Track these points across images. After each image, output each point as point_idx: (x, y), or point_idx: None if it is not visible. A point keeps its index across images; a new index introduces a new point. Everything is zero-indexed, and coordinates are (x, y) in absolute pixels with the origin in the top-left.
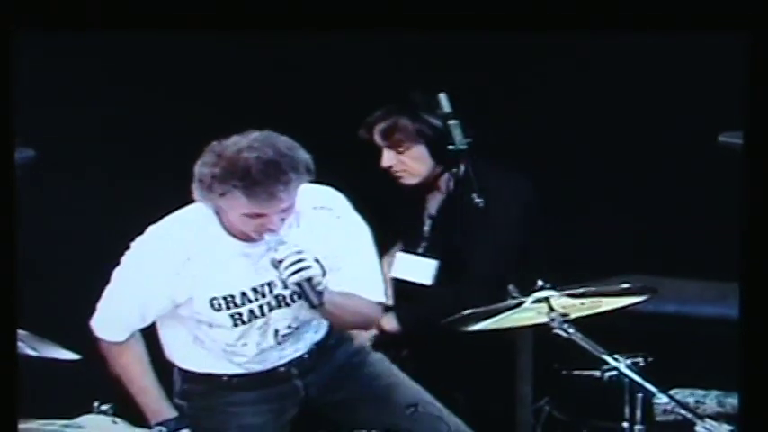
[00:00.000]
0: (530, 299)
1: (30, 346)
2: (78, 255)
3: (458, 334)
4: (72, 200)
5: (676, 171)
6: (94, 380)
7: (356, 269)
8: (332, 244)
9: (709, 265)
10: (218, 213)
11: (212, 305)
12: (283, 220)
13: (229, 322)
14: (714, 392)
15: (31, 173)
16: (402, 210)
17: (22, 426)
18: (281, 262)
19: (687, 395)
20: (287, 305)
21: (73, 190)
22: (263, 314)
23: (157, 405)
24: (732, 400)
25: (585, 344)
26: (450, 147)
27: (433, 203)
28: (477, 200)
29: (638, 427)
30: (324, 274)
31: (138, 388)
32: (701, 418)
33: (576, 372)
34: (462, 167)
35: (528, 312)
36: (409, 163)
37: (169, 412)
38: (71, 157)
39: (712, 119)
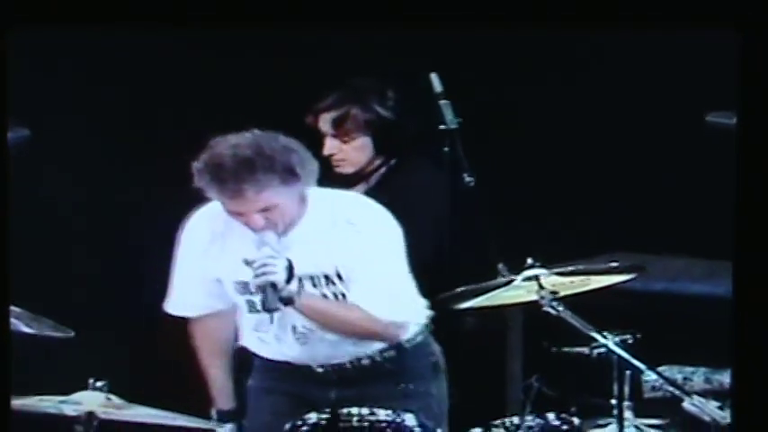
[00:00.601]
0: (520, 277)
1: (25, 324)
2: (72, 233)
3: (449, 311)
4: (66, 183)
5: (664, 150)
6: (89, 357)
7: (369, 285)
8: (351, 258)
9: (697, 242)
10: None
11: (235, 288)
12: (269, 219)
13: (245, 307)
14: (702, 369)
15: (25, 152)
16: None
17: (18, 402)
18: (251, 264)
19: (675, 372)
20: None
21: (68, 175)
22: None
23: (216, 391)
24: (719, 377)
25: (575, 321)
26: (442, 126)
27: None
28: (468, 179)
29: (626, 403)
30: (289, 280)
31: (204, 367)
32: (689, 394)
33: (566, 349)
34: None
35: (518, 290)
36: (351, 153)
37: (224, 402)
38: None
39: (699, 99)
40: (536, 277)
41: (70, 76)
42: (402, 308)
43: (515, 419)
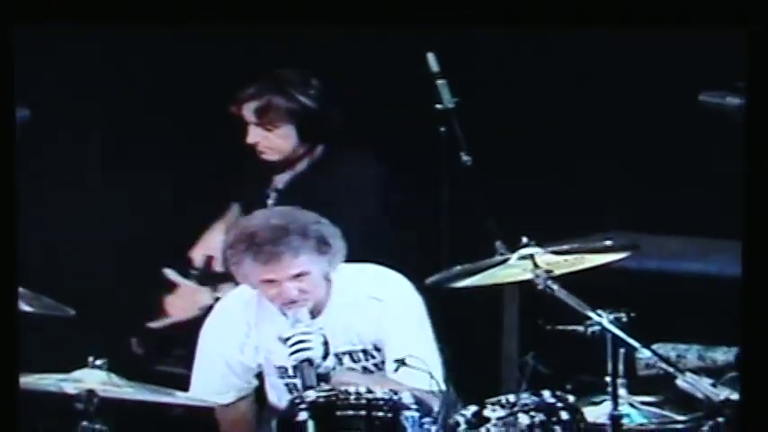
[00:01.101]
0: (515, 256)
1: (26, 303)
2: (73, 213)
3: (445, 291)
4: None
5: (658, 129)
6: (89, 336)
7: (405, 346)
8: (380, 332)
9: (692, 222)
10: None
11: (278, 373)
12: (302, 291)
13: (285, 391)
14: (695, 347)
15: (26, 131)
16: (250, 180)
17: (20, 380)
18: (286, 340)
19: (669, 350)
20: None
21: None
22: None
23: None
24: (712, 355)
25: (569, 300)
26: (439, 106)
27: (282, 178)
28: (465, 158)
29: (620, 380)
30: (326, 356)
31: None
32: (683, 371)
33: (561, 327)
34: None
35: (513, 269)
36: (275, 140)
37: None
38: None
39: (693, 79)
40: (531, 256)
41: (75, 74)
42: (429, 375)
43: (511, 397)
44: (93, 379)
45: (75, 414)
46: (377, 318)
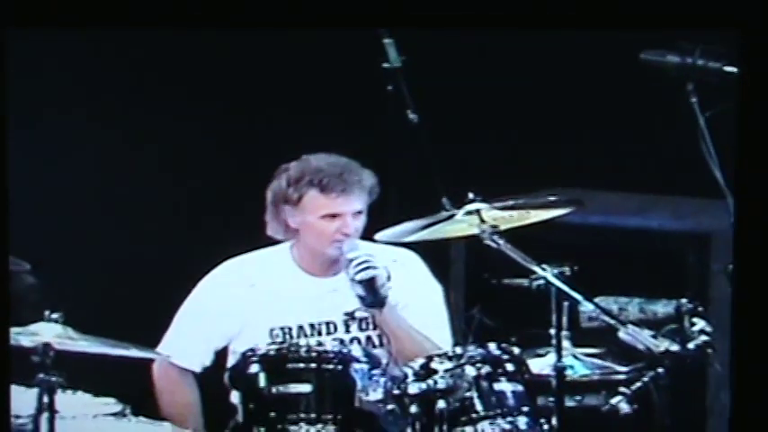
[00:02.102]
0: (461, 211)
1: None
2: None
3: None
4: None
5: (601, 89)
6: (44, 289)
7: (423, 313)
8: (403, 292)
9: (632, 178)
10: (292, 248)
11: (270, 335)
12: (357, 230)
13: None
14: (636, 300)
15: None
16: None
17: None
18: (351, 261)
19: (611, 303)
20: None
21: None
22: (318, 343)
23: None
24: (653, 307)
25: (515, 254)
26: (386, 65)
27: None
28: (412, 116)
29: (564, 333)
30: (389, 278)
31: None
32: (624, 324)
33: (506, 281)
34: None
35: (460, 224)
36: None
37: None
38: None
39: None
40: (477, 211)
41: (70, 76)
42: (445, 334)
43: (458, 349)
44: (49, 332)
45: (31, 366)
46: (397, 278)
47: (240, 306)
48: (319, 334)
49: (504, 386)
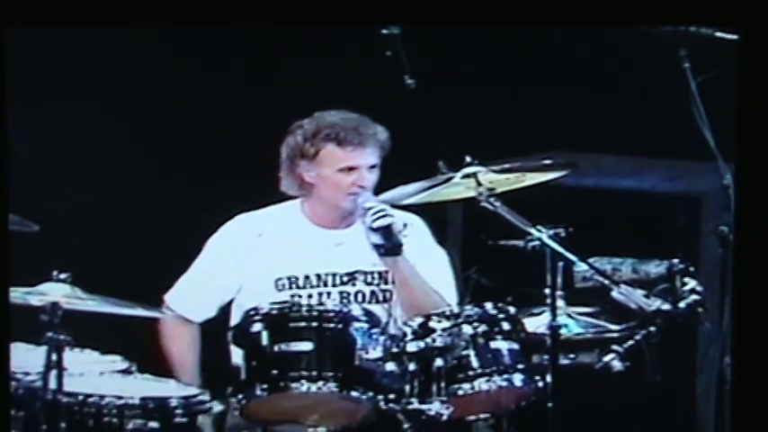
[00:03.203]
0: (458, 174)
1: None
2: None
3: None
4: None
5: (597, 52)
6: (52, 250)
7: (432, 274)
8: (413, 253)
9: (626, 141)
10: (303, 203)
11: (276, 285)
12: (372, 182)
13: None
14: (629, 260)
15: None
16: None
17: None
18: (368, 210)
19: (604, 263)
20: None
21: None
22: (320, 303)
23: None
24: (645, 267)
25: (510, 216)
26: (384, 31)
27: None
28: (409, 81)
29: (559, 292)
30: (405, 226)
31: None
32: (617, 284)
33: (502, 242)
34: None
35: (457, 187)
36: None
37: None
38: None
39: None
40: (474, 174)
41: (65, 75)
42: (452, 294)
43: (455, 309)
44: (57, 292)
45: (40, 325)
46: (407, 241)
47: (247, 256)
48: (325, 285)
49: (500, 344)
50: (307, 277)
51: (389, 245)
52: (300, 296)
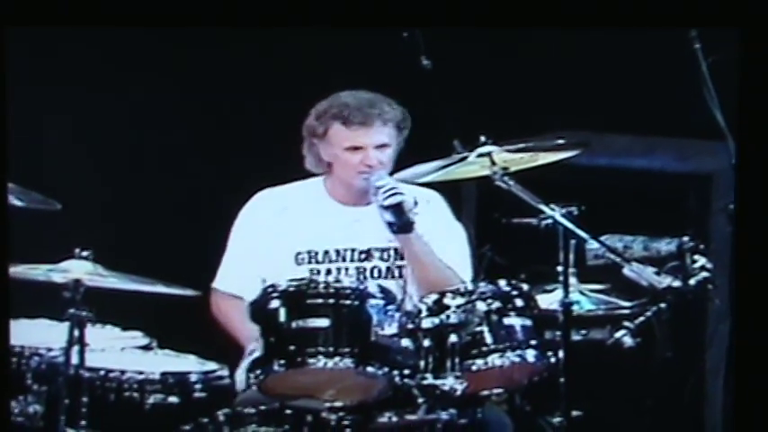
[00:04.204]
0: (473, 154)
1: (16, 197)
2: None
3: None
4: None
5: (609, 34)
6: (75, 228)
7: (448, 247)
8: (430, 228)
9: (637, 121)
10: (325, 180)
11: (296, 259)
12: (381, 162)
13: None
14: (640, 238)
15: None
16: None
17: (10, 270)
18: (379, 188)
19: (616, 241)
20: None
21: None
22: (336, 280)
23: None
24: (656, 245)
25: (524, 194)
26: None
27: None
28: (425, 62)
29: (571, 270)
30: (416, 204)
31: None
32: (629, 261)
33: (516, 220)
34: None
35: (472, 166)
36: None
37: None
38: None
39: None
40: (488, 154)
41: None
42: (467, 269)
43: (469, 286)
44: (80, 269)
45: (62, 302)
46: (423, 217)
47: (272, 229)
48: (343, 260)
49: (513, 321)
50: (326, 252)
51: (401, 222)
52: (319, 270)
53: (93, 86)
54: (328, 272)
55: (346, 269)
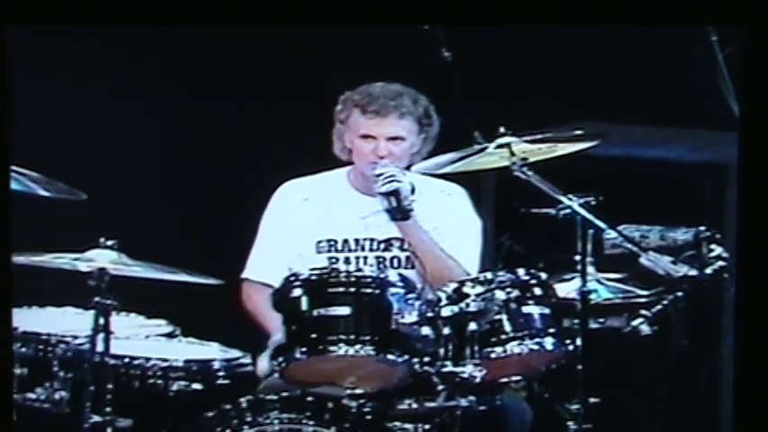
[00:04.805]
0: (493, 144)
1: (42, 188)
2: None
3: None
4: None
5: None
6: (99, 218)
7: (454, 241)
8: (440, 219)
9: (654, 111)
10: (350, 172)
11: (317, 247)
12: (393, 154)
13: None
14: (657, 228)
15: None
16: None
17: (36, 259)
18: (378, 176)
19: (633, 230)
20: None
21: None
22: (357, 269)
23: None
24: (672, 235)
25: (543, 185)
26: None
27: None
28: (446, 54)
29: (589, 259)
30: (413, 191)
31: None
32: (645, 250)
33: (534, 210)
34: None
35: (491, 157)
36: None
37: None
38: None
39: None
40: (508, 145)
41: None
42: (476, 264)
43: (488, 275)
44: (105, 258)
45: (88, 290)
46: (442, 206)
47: (293, 219)
48: (362, 249)
49: (531, 309)
50: (345, 241)
51: (397, 209)
52: (338, 259)
53: (120, 78)
54: (347, 260)
55: (365, 258)
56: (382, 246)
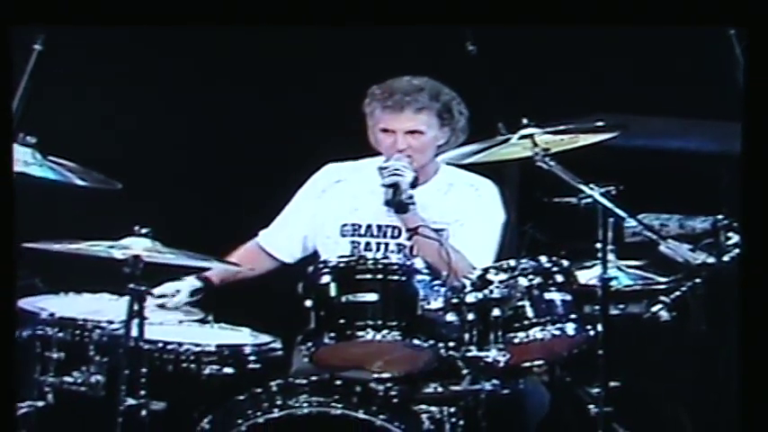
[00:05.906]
0: (516, 135)
1: (78, 177)
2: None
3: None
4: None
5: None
6: (134, 206)
7: (471, 235)
8: (464, 212)
9: (674, 103)
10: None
11: (341, 230)
12: (412, 147)
13: (348, 249)
14: (676, 216)
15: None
16: None
17: (72, 247)
18: (383, 169)
19: (652, 219)
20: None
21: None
22: (384, 256)
23: None
24: (691, 223)
25: (564, 175)
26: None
27: None
28: (471, 47)
29: (609, 247)
30: (413, 185)
31: None
32: (665, 239)
33: (556, 199)
34: None
35: (514, 147)
36: None
37: None
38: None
39: None
40: (530, 135)
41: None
42: (487, 260)
43: (512, 262)
44: (139, 245)
45: (122, 277)
46: (467, 201)
47: (322, 199)
48: (384, 236)
49: (553, 295)
50: (369, 227)
51: (394, 202)
52: (359, 243)
53: (152, 68)
54: (367, 245)
55: (386, 245)
56: (407, 234)
